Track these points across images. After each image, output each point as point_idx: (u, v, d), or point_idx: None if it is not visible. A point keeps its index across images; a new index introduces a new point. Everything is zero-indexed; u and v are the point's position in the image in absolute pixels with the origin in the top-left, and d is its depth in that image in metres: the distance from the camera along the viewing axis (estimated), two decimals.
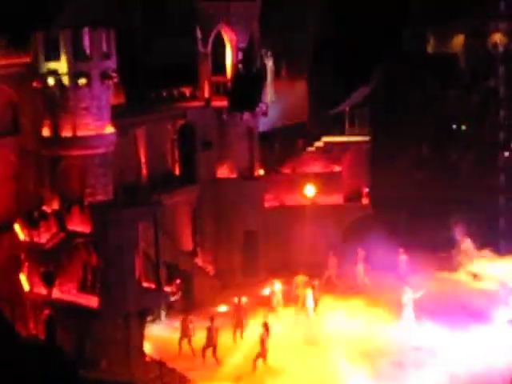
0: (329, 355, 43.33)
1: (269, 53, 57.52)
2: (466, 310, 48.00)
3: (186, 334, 44.68)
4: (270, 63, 57.88)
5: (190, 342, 44.63)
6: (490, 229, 51.34)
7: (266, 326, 43.82)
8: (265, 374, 42.55)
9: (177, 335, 45.22)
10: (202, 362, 43.56)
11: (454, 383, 41.09)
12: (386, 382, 40.43)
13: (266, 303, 49.73)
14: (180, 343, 44.70)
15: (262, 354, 43.06)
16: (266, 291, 50.63)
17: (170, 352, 44.50)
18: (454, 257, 54.20)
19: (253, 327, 46.34)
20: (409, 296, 47.61)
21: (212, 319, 44.26)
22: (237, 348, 45.50)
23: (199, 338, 44.56)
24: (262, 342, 43.23)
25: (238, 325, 46.40)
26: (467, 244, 54.51)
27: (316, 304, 49.29)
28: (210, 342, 43.64)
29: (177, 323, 46.00)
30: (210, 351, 43.74)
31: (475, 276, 52.00)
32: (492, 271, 52.69)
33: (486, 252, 53.20)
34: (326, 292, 51.07)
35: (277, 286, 50.34)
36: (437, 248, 54.49)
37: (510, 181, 52.64)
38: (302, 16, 60.63)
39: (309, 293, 49.31)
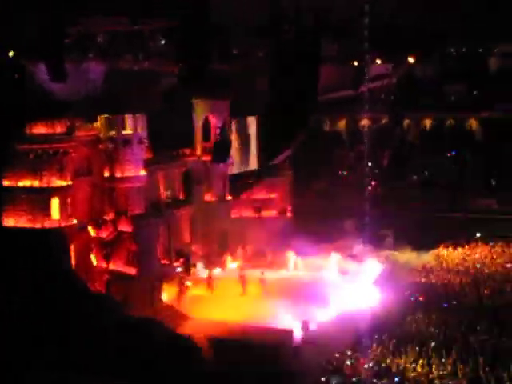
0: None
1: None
2: (346, 272, 49.76)
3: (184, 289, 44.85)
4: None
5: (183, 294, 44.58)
6: (362, 227, 51.31)
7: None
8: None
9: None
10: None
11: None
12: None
13: None
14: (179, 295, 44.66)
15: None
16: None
17: (177, 300, 44.30)
18: (343, 243, 54.31)
19: None
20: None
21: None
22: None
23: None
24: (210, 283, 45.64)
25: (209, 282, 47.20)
26: (353, 235, 55.03)
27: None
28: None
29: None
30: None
31: (354, 255, 52.33)
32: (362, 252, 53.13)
33: (361, 240, 53.32)
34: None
35: None
36: (332, 239, 54.58)
37: (371, 202, 52.63)
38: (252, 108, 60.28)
39: None
